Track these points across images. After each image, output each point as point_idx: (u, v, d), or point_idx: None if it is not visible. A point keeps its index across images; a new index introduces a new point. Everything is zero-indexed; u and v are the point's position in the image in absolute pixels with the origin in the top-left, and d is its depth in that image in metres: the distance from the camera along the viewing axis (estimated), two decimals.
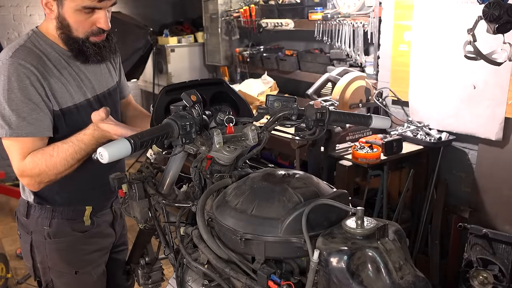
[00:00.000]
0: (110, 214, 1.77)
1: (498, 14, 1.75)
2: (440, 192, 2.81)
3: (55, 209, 1.60)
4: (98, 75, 1.63)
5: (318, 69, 3.49)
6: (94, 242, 1.70)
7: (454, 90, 2.64)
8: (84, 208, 1.64)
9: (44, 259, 1.64)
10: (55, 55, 1.50)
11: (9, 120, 1.40)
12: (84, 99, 1.56)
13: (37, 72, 1.42)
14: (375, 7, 2.98)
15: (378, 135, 2.70)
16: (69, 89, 1.51)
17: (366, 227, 0.98)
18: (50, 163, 1.42)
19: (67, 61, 1.52)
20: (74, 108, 1.52)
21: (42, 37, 1.51)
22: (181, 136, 1.14)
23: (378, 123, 1.44)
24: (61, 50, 1.52)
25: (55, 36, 1.51)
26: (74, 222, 1.64)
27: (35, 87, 1.42)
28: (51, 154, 1.42)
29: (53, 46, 1.51)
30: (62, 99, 1.49)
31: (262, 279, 1.03)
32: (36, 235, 1.63)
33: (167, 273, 2.04)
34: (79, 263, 1.66)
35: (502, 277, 2.36)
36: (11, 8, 4.86)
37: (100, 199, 1.70)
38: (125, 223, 1.94)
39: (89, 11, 1.44)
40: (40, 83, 1.43)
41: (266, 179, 1.18)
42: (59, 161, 1.42)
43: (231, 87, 1.47)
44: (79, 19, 1.45)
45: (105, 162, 1.03)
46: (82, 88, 1.55)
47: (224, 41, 4.55)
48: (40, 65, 1.44)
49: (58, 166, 1.42)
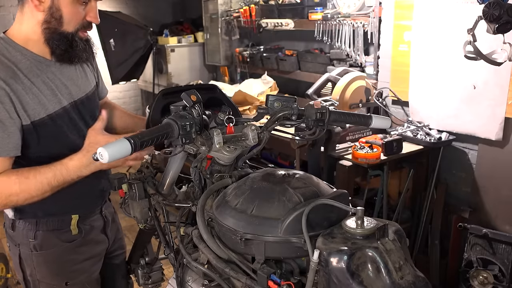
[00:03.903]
0: (100, 220, 1.68)
1: (498, 14, 1.75)
2: (440, 192, 2.81)
3: (38, 221, 1.52)
4: (74, 79, 1.51)
5: (318, 69, 3.49)
6: (84, 251, 1.62)
7: (454, 90, 2.64)
8: (70, 217, 1.56)
9: (33, 272, 1.57)
10: (26, 63, 1.38)
11: None
12: (60, 107, 1.44)
13: (5, 86, 1.31)
14: (375, 7, 2.99)
15: (378, 135, 2.69)
16: (41, 99, 1.39)
17: (366, 227, 0.98)
18: (24, 185, 1.33)
19: (39, 68, 1.40)
20: (48, 119, 1.41)
21: (10, 43, 1.39)
22: (181, 136, 1.14)
23: (378, 123, 1.44)
24: (33, 56, 1.40)
25: (26, 40, 1.40)
26: (60, 232, 1.55)
27: (2, 103, 1.30)
28: (27, 176, 1.34)
29: (23, 52, 1.39)
30: (34, 111, 1.37)
31: (262, 279, 1.03)
32: (23, 248, 1.55)
33: (167, 273, 2.04)
34: (69, 273, 1.59)
35: (502, 277, 2.36)
36: (11, 8, 4.86)
37: (87, 206, 1.62)
38: (120, 228, 1.85)
39: (85, 2, 1.38)
40: (9, 98, 1.31)
41: (266, 179, 1.18)
42: (34, 184, 1.33)
43: (223, 93, 1.47)
44: (74, 10, 1.37)
45: (105, 162, 1.03)
46: (57, 96, 1.43)
47: (224, 41, 4.55)
48: (9, 77, 1.32)
49: (32, 190, 1.34)
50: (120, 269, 1.87)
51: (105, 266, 1.73)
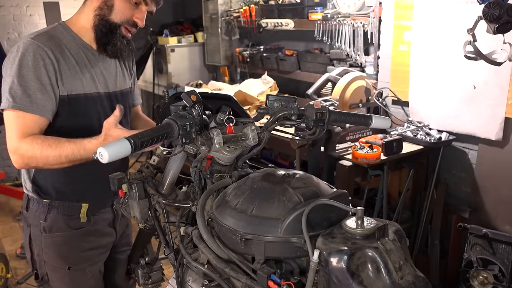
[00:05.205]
0: (110, 213, 1.76)
1: (498, 14, 1.75)
2: (440, 192, 2.81)
3: (51, 203, 1.62)
4: (112, 74, 1.68)
5: (318, 69, 3.49)
6: (91, 240, 1.70)
7: (454, 90, 2.64)
8: (80, 204, 1.65)
9: (40, 253, 1.67)
10: (74, 46, 1.57)
11: (15, 94, 1.44)
12: (95, 91, 1.60)
13: (52, 56, 1.48)
14: (375, 7, 2.98)
15: (378, 135, 2.69)
16: (81, 78, 1.55)
17: (366, 227, 0.98)
18: (45, 153, 1.44)
19: (85, 53, 1.59)
20: (83, 97, 1.56)
21: (66, 29, 1.58)
22: (181, 136, 1.14)
23: (378, 123, 1.44)
24: (82, 43, 1.59)
25: (81, 28, 1.58)
26: (69, 218, 1.65)
27: (47, 70, 1.47)
28: (50, 144, 1.44)
29: (75, 38, 1.58)
30: (73, 86, 1.54)
31: (262, 279, 1.03)
32: (33, 229, 1.66)
33: (167, 273, 2.04)
34: (73, 259, 1.67)
35: (502, 277, 2.36)
36: (11, 8, 4.86)
37: (98, 197, 1.69)
38: (130, 223, 1.93)
39: (136, 4, 1.55)
40: (53, 67, 1.48)
41: (266, 179, 1.18)
42: (53, 154, 1.44)
43: (238, 104, 1.47)
44: (124, 5, 1.54)
45: (105, 162, 1.03)
46: (95, 81, 1.60)
47: (224, 41, 4.55)
48: (57, 51, 1.50)
49: (50, 159, 1.44)
50: (124, 264, 1.91)
51: (109, 259, 1.80)
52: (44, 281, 1.69)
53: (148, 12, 1.60)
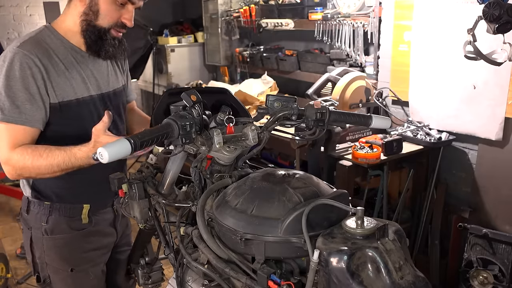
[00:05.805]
0: (111, 213, 1.76)
1: (498, 14, 1.75)
2: (440, 192, 2.81)
3: (52, 205, 1.61)
4: (104, 74, 1.65)
5: (318, 69, 3.49)
6: (92, 241, 1.70)
7: (454, 90, 2.64)
8: (81, 206, 1.64)
9: (42, 255, 1.65)
10: (63, 50, 1.53)
11: (3, 106, 1.42)
12: (88, 94, 1.57)
13: (40, 64, 1.44)
14: (375, 7, 2.98)
15: (378, 135, 2.69)
16: (72, 83, 1.52)
17: (366, 227, 0.98)
18: (36, 163, 1.42)
19: (74, 57, 1.55)
20: (75, 102, 1.53)
21: (53, 32, 1.54)
22: (181, 136, 1.14)
23: (378, 123, 1.44)
24: (71, 46, 1.55)
25: (68, 31, 1.54)
26: (71, 220, 1.64)
27: (35, 79, 1.44)
28: (41, 154, 1.42)
29: (63, 41, 1.54)
30: (64, 92, 1.51)
31: (262, 279, 1.03)
32: (35, 231, 1.65)
33: (167, 273, 2.04)
34: (75, 260, 1.66)
35: (502, 277, 2.36)
36: (11, 8, 4.86)
37: (99, 198, 1.68)
38: (129, 223, 1.93)
39: (122, 4, 1.51)
40: (41, 76, 1.45)
41: (266, 179, 1.18)
42: (45, 164, 1.42)
43: (234, 97, 1.47)
44: (110, 8, 1.50)
45: (105, 162, 1.03)
46: (86, 84, 1.57)
47: (224, 41, 4.55)
48: (45, 58, 1.46)
49: (42, 169, 1.43)
50: (124, 265, 1.91)
51: (109, 259, 1.79)
52: (46, 284, 1.68)
53: (135, 8, 1.56)
